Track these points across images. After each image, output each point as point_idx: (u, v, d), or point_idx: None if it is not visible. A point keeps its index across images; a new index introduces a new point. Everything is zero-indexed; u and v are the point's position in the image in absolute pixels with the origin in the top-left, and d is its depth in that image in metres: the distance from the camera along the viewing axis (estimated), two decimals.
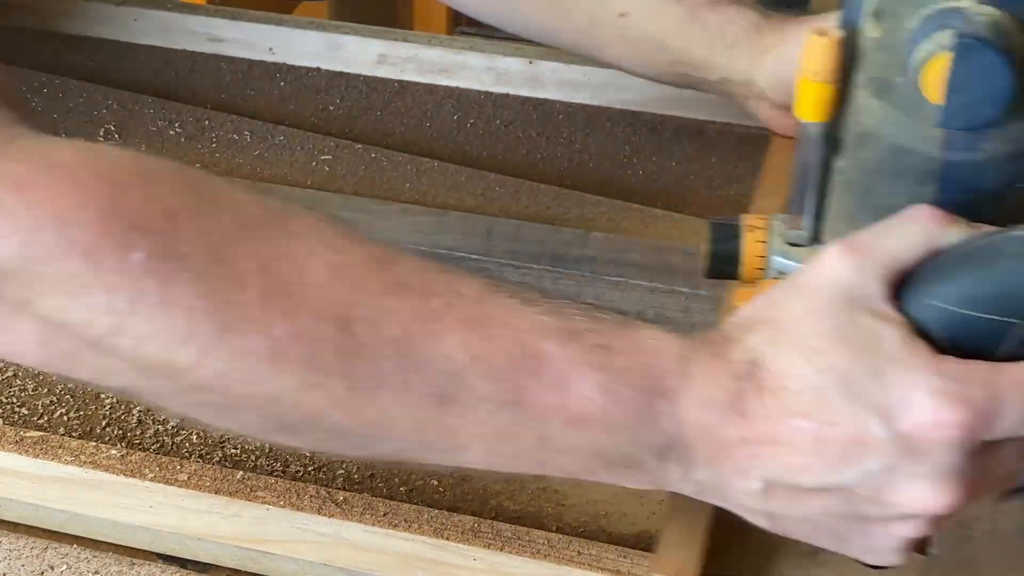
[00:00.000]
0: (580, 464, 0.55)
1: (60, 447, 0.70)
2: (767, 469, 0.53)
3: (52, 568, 0.69)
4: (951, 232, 0.54)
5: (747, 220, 0.67)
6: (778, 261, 0.66)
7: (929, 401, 0.49)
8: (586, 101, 1.06)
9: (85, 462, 0.69)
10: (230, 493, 0.67)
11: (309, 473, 0.73)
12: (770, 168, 0.86)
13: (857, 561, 0.57)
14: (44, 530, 0.71)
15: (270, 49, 1.09)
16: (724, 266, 0.67)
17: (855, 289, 0.52)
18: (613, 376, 0.53)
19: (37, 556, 0.69)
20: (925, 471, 0.50)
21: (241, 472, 0.69)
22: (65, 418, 0.77)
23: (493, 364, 0.53)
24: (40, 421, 0.76)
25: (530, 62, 1.05)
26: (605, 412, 0.53)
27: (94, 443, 0.70)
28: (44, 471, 0.69)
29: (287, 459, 0.73)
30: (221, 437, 0.75)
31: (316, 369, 0.52)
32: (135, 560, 0.69)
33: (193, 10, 1.12)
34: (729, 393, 0.52)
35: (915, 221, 0.54)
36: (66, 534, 0.70)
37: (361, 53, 1.08)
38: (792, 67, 0.60)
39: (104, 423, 0.76)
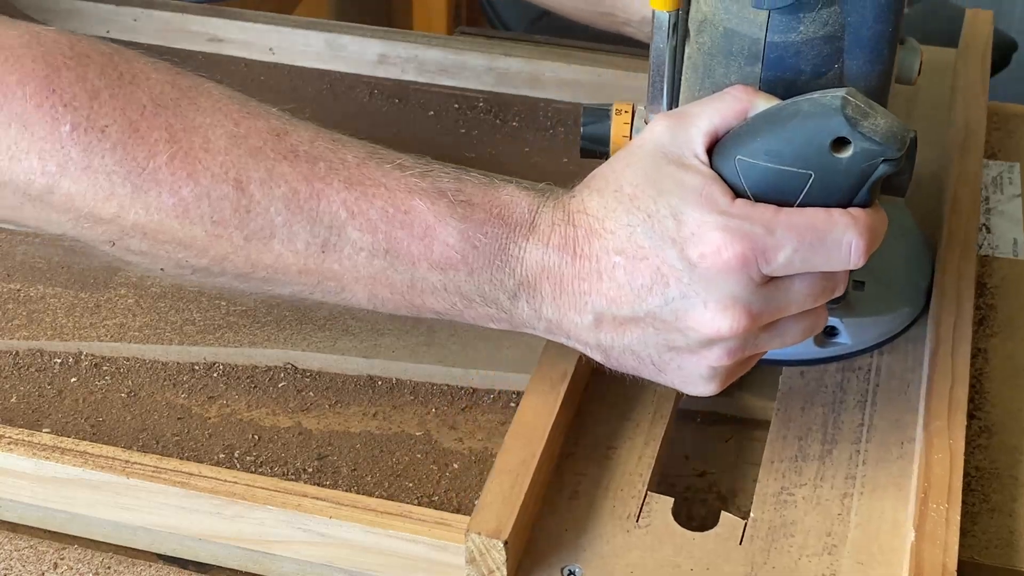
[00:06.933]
0: (447, 304, 0.65)
1: (62, 448, 0.70)
2: (594, 302, 0.62)
3: (53, 567, 0.69)
4: (760, 102, 0.62)
5: (616, 105, 0.74)
6: None
7: (713, 235, 0.59)
8: (586, 101, 1.05)
9: (87, 463, 0.69)
10: (231, 494, 0.67)
11: (309, 474, 0.73)
12: None
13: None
14: (45, 530, 0.71)
15: (270, 49, 1.10)
16: (595, 145, 0.74)
17: (669, 147, 0.62)
18: (472, 226, 0.63)
19: (38, 556, 0.69)
20: (712, 296, 0.59)
21: (242, 472, 0.69)
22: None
23: (368, 218, 0.63)
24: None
25: (530, 62, 1.05)
26: (464, 257, 0.63)
27: (96, 444, 0.70)
28: (46, 472, 0.69)
29: (288, 459, 0.73)
30: (221, 438, 0.75)
31: (217, 223, 0.63)
32: (135, 560, 0.70)
33: (193, 10, 1.12)
34: (565, 238, 0.62)
35: (729, 94, 0.63)
36: (66, 534, 0.71)
37: (361, 53, 1.08)
38: None
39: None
